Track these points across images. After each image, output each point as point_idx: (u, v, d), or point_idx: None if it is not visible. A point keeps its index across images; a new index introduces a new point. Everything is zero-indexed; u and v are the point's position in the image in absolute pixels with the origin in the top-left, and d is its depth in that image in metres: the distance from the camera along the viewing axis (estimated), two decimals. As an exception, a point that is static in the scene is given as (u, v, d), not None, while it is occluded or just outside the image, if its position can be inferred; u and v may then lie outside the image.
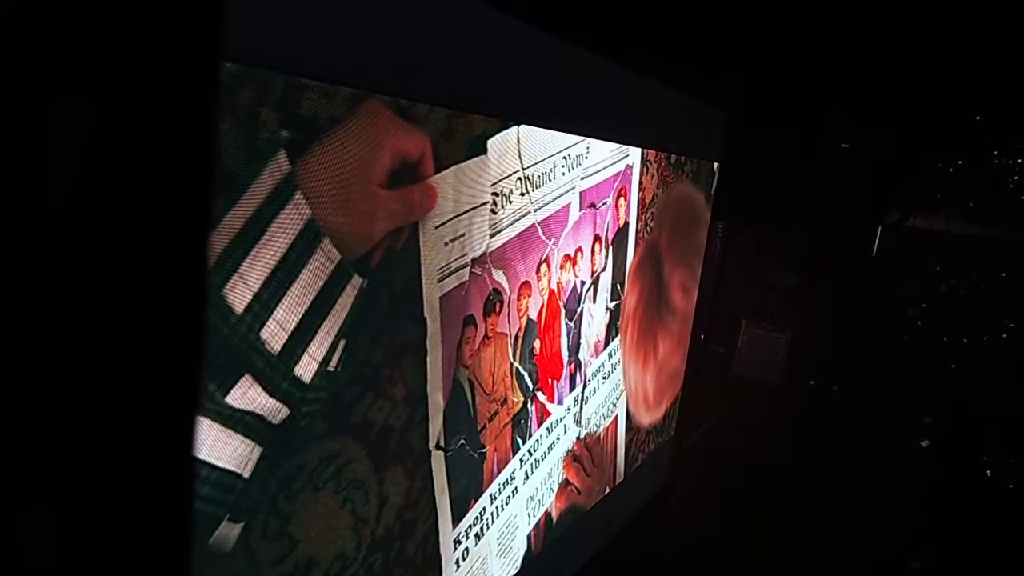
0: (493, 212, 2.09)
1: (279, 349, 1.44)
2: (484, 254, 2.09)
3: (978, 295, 5.55)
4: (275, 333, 1.42)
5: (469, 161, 1.94)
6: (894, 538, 4.44)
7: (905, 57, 4.25)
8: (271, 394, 1.44)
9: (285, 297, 1.43)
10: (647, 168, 3.16)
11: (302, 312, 1.48)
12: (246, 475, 1.41)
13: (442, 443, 2.02)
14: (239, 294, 1.33)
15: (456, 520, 2.17)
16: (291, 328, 1.45)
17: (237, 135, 1.26)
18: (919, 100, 4.71)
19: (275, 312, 1.41)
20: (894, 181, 5.28)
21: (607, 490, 3.42)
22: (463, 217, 1.96)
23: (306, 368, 1.51)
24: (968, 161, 5.17)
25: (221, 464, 1.36)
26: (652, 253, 3.47)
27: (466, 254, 2.00)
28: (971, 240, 5.45)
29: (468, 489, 2.21)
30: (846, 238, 5.34)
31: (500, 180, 2.09)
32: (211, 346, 1.31)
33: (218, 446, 1.35)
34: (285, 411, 1.48)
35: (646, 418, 3.94)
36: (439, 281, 1.91)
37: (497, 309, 2.18)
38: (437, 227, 1.85)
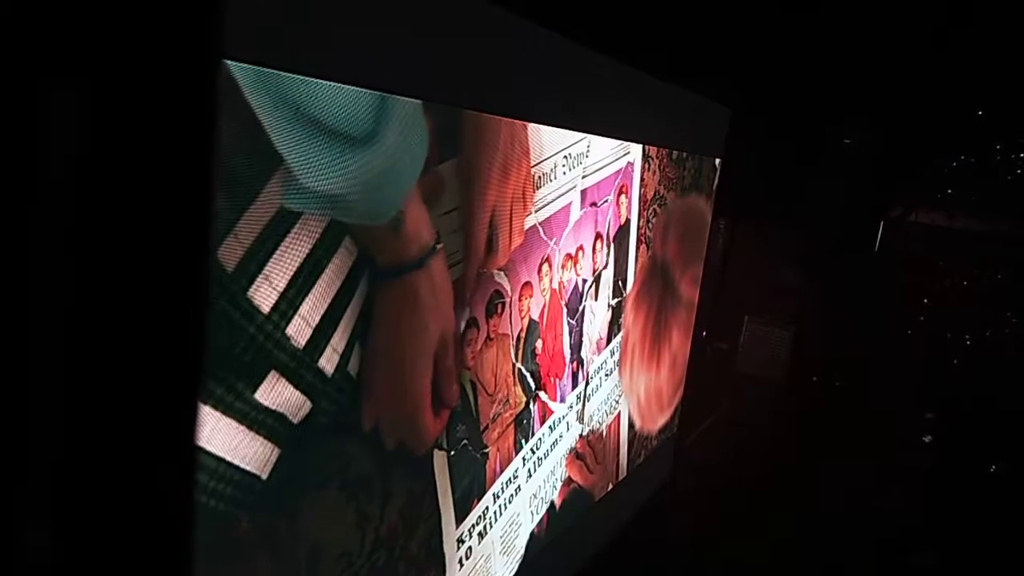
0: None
1: (304, 343, 1.49)
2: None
3: (981, 290, 5.55)
4: (300, 328, 1.47)
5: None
6: (897, 534, 4.45)
7: (907, 52, 4.25)
8: (296, 386, 1.49)
9: (310, 294, 1.48)
10: (648, 164, 3.17)
11: (326, 306, 1.53)
12: (264, 476, 1.44)
13: (445, 444, 2.03)
14: (264, 295, 1.36)
15: (459, 519, 2.18)
16: (315, 322, 1.50)
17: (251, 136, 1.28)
18: (921, 95, 4.70)
19: (300, 309, 1.46)
20: (896, 176, 5.27)
21: (610, 486, 3.43)
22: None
23: (329, 360, 1.56)
24: (971, 156, 5.16)
25: (244, 466, 1.40)
26: (659, 268, 3.48)
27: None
28: (974, 235, 5.43)
29: (471, 489, 2.23)
30: (848, 234, 5.34)
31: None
32: (238, 345, 1.35)
33: (242, 448, 1.39)
34: (307, 407, 1.52)
35: (659, 419, 3.96)
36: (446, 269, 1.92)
37: (499, 311, 2.19)
38: (441, 215, 1.86)
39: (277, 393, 1.44)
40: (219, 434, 1.33)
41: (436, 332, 1.91)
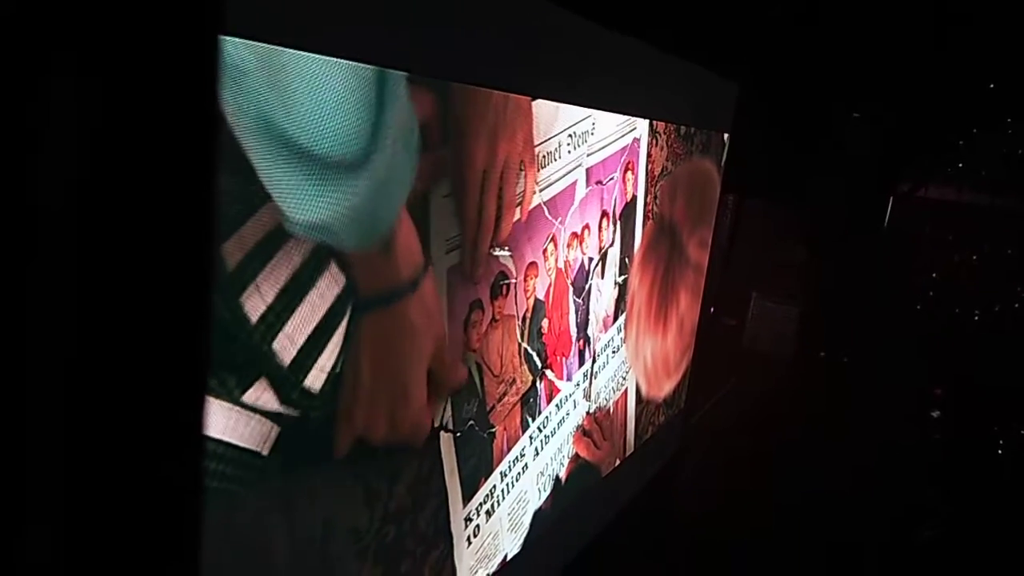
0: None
1: (289, 362, 1.45)
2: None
3: (990, 265, 5.51)
4: (285, 347, 1.44)
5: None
6: (903, 510, 4.47)
7: (917, 26, 4.19)
8: (282, 402, 1.46)
9: (294, 315, 1.44)
10: (656, 140, 3.14)
11: (309, 331, 1.48)
12: (264, 452, 1.44)
13: (451, 426, 2.04)
14: (254, 304, 1.34)
15: (466, 499, 2.20)
16: (300, 344, 1.47)
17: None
18: (931, 69, 4.64)
19: (286, 326, 1.43)
20: (906, 151, 5.22)
21: (617, 462, 3.45)
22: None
23: (315, 379, 1.53)
24: (981, 130, 5.10)
25: (241, 444, 1.38)
26: (666, 229, 3.46)
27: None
28: (984, 210, 5.39)
29: (478, 468, 2.24)
30: (857, 209, 5.30)
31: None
32: (229, 347, 1.33)
33: (239, 427, 1.37)
34: (295, 416, 1.50)
35: (666, 385, 3.94)
36: (447, 253, 1.90)
37: (504, 292, 2.19)
38: (444, 196, 1.84)
39: (264, 401, 1.42)
40: (214, 416, 1.32)
41: (428, 356, 1.87)
